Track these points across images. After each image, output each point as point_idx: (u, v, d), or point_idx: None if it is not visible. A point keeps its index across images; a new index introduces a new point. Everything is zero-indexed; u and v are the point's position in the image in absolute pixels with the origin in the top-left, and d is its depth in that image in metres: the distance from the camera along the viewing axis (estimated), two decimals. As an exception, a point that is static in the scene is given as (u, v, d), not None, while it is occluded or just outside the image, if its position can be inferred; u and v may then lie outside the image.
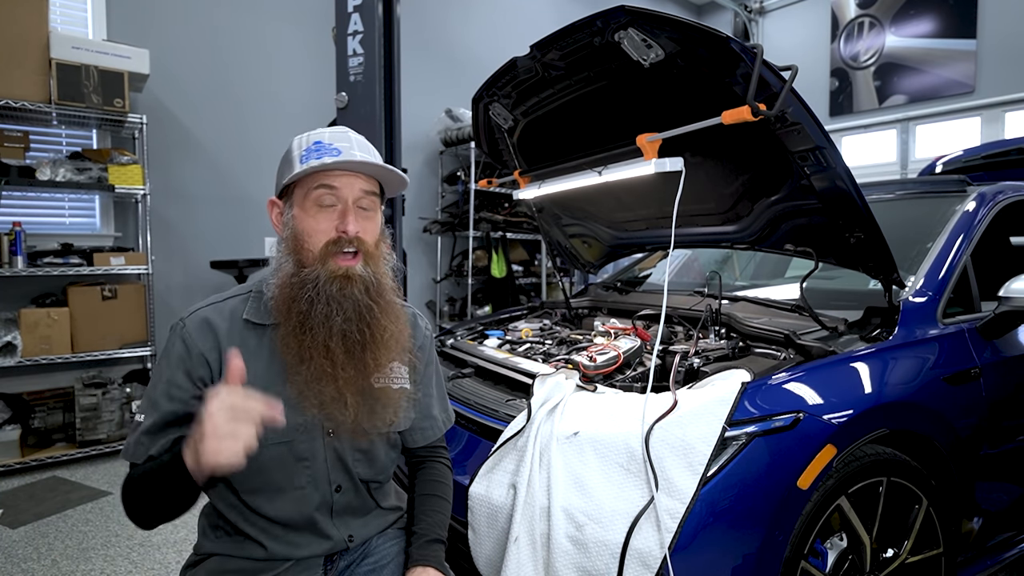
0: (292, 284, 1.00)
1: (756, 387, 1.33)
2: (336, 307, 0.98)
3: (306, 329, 0.98)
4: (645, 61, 1.48)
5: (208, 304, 1.06)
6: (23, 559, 2.29)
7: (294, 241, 1.01)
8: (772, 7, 7.44)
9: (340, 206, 1.01)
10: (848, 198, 1.49)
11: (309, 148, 1.02)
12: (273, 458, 1.01)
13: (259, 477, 1.02)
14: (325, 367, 0.99)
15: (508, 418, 1.47)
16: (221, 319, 1.03)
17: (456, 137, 5.04)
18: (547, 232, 2.63)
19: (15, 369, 3.32)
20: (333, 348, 0.99)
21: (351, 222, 1.00)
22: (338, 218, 1.01)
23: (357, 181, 1.02)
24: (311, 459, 1.04)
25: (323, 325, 0.98)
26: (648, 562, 1.11)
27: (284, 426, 0.99)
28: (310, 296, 0.98)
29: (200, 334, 1.01)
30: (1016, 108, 5.58)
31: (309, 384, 0.99)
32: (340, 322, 0.99)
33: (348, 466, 1.08)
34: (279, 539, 1.05)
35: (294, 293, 0.99)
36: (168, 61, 3.91)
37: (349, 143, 1.03)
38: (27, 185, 3.22)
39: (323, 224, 1.00)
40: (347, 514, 1.11)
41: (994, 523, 1.76)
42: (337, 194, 1.01)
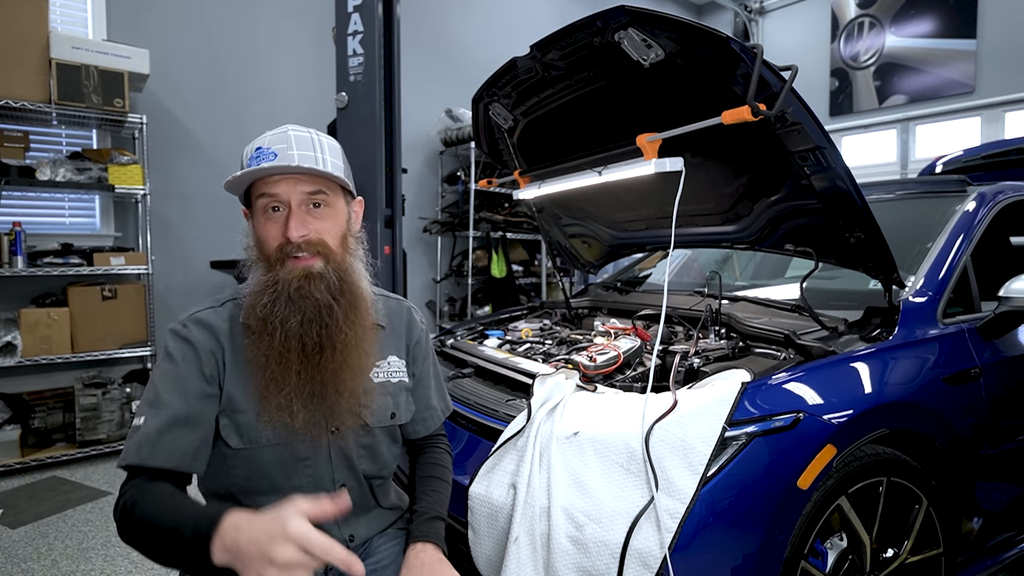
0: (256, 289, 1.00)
1: (756, 387, 1.33)
2: (293, 308, 0.98)
3: (264, 335, 0.98)
4: (645, 61, 1.48)
5: (206, 307, 1.05)
6: (23, 559, 2.29)
7: (257, 248, 1.03)
8: (772, 7, 7.44)
9: (285, 211, 1.00)
10: (848, 198, 1.49)
11: (252, 156, 1.00)
12: (272, 460, 1.01)
13: (258, 479, 1.01)
14: (276, 373, 0.97)
15: (508, 418, 1.47)
16: (220, 320, 1.03)
17: (456, 137, 5.04)
18: (547, 232, 2.63)
19: (15, 369, 3.32)
20: (287, 353, 0.98)
21: (293, 227, 0.99)
22: (283, 224, 1.00)
23: (299, 183, 1.00)
24: (311, 458, 1.04)
25: (280, 329, 0.97)
26: (648, 562, 1.11)
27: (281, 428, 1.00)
28: (269, 299, 0.98)
29: (204, 337, 1.01)
30: (1016, 108, 5.58)
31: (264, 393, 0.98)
32: (296, 324, 0.97)
33: (353, 463, 1.08)
34: None
35: (258, 298, 0.99)
36: (168, 61, 3.91)
37: (287, 143, 1.00)
38: (27, 185, 3.22)
39: (272, 230, 1.00)
40: (349, 515, 1.10)
41: (994, 523, 1.76)
42: (279, 199, 1.00)
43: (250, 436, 0.99)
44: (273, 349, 0.97)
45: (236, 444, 0.99)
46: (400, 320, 1.22)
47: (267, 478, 1.01)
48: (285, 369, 0.98)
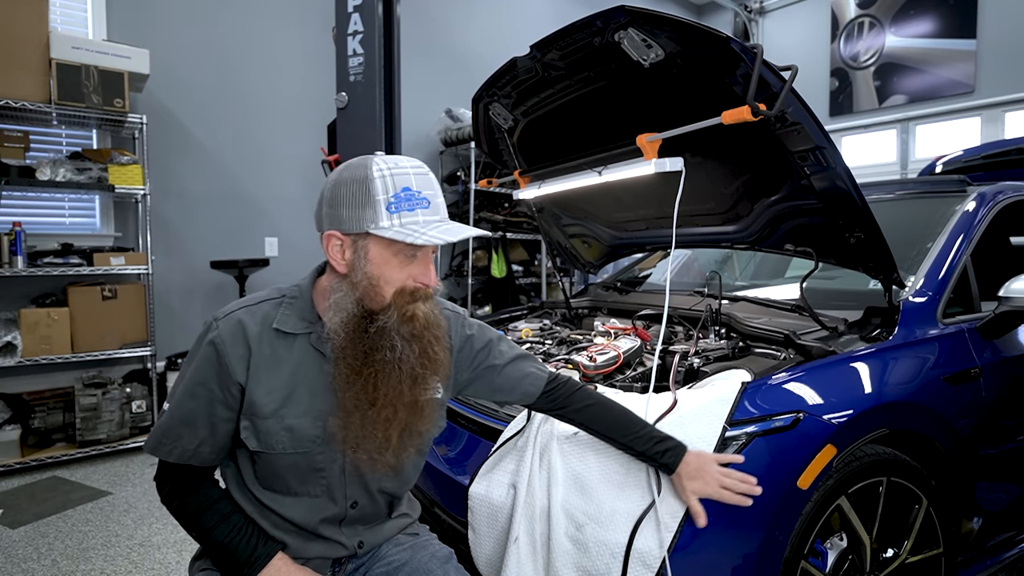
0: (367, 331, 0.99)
1: (756, 387, 1.33)
2: (410, 348, 1.00)
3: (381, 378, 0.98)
4: (645, 61, 1.48)
5: (242, 307, 1.05)
6: (23, 559, 2.29)
7: (367, 287, 0.98)
8: (772, 7, 7.44)
9: (421, 256, 1.00)
10: (848, 198, 1.49)
11: (399, 196, 0.96)
12: (289, 466, 1.03)
13: (275, 479, 1.05)
14: (388, 412, 0.99)
15: (508, 418, 1.47)
16: (253, 323, 1.03)
17: (456, 137, 5.04)
18: (547, 232, 2.63)
19: (15, 369, 3.32)
20: (404, 391, 1.00)
21: (433, 276, 1.02)
22: (418, 269, 1.00)
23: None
24: (327, 470, 1.06)
25: (397, 369, 0.99)
26: (648, 562, 1.11)
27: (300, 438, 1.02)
28: (390, 344, 0.98)
29: (232, 340, 1.01)
30: (1016, 108, 5.58)
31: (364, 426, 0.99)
32: (413, 361, 1.00)
33: (367, 482, 1.09)
34: (290, 534, 1.07)
35: (373, 342, 0.98)
36: (168, 61, 3.91)
37: (434, 190, 1.00)
38: (27, 185, 3.22)
39: (401, 274, 0.99)
40: (359, 523, 1.13)
41: (994, 523, 1.76)
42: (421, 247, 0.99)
43: (268, 442, 1.01)
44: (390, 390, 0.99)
45: (254, 447, 1.02)
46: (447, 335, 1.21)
47: (283, 480, 1.04)
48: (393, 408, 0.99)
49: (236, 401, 1.02)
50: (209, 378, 1.00)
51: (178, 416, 1.01)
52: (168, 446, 1.02)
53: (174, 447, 1.02)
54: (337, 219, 0.98)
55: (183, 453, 1.02)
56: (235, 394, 1.01)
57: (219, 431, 1.02)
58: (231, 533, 1.01)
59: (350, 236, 0.98)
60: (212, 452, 1.03)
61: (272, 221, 4.45)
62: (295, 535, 1.07)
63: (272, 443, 1.01)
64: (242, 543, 1.01)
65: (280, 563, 1.02)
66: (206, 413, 1.01)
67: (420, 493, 1.63)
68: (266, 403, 1.01)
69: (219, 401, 1.01)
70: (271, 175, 4.43)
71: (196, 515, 1.03)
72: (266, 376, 1.01)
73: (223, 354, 1.00)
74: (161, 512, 2.68)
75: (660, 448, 1.17)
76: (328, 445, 1.03)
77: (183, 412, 1.01)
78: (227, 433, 1.03)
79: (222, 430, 1.03)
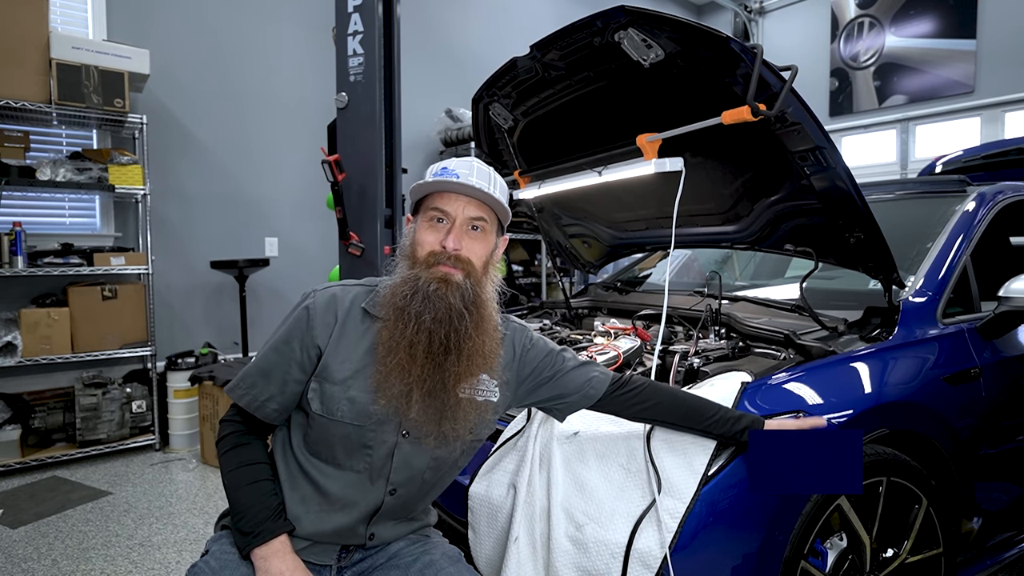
0: (397, 281, 1.10)
1: (756, 387, 1.33)
2: (429, 305, 1.05)
3: (398, 322, 1.06)
4: (645, 61, 1.48)
5: (339, 285, 1.16)
6: (23, 559, 2.30)
7: (410, 248, 1.12)
8: (772, 7, 7.44)
9: (447, 224, 1.11)
10: (848, 198, 1.49)
11: (437, 172, 1.13)
12: (341, 436, 1.08)
13: (324, 447, 1.10)
14: (403, 361, 1.05)
15: (508, 418, 1.47)
16: (346, 299, 1.14)
17: (456, 137, 5.04)
18: (547, 232, 2.63)
19: (15, 369, 3.32)
20: (416, 344, 1.05)
21: (452, 239, 1.09)
22: (444, 234, 1.10)
23: (468, 205, 1.11)
24: (375, 449, 1.09)
25: (413, 320, 1.05)
26: (648, 562, 1.11)
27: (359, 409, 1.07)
28: (408, 292, 1.06)
29: (324, 309, 1.12)
30: (1016, 108, 5.58)
31: (388, 375, 1.05)
32: (429, 320, 1.05)
33: (414, 469, 1.11)
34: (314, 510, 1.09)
35: (397, 289, 1.08)
36: (168, 61, 3.91)
37: (469, 170, 1.12)
38: (27, 185, 3.22)
39: (431, 237, 1.10)
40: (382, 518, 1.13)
41: (994, 523, 1.76)
42: (447, 214, 1.10)
43: (329, 407, 1.08)
44: (405, 337, 1.05)
45: (316, 409, 1.09)
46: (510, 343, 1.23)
47: (332, 449, 1.09)
48: (411, 359, 1.05)
49: (312, 365, 1.10)
50: (294, 337, 1.10)
51: (259, 367, 1.11)
52: (242, 390, 1.11)
53: (247, 393, 1.11)
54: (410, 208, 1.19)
55: (252, 401, 1.11)
56: (312, 358, 1.10)
57: (288, 390, 1.11)
58: (253, 497, 1.06)
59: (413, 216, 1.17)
60: (277, 409, 1.11)
61: (272, 221, 4.44)
62: (318, 511, 1.09)
63: (333, 409, 1.08)
64: (257, 512, 1.05)
65: (279, 545, 1.03)
66: (283, 370, 1.10)
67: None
68: (338, 370, 1.09)
69: (296, 362, 1.10)
70: (271, 175, 4.43)
71: (234, 467, 1.09)
72: (344, 348, 1.10)
73: (313, 319, 1.10)
74: (161, 512, 2.69)
75: (740, 427, 1.20)
76: (382, 426, 1.08)
77: (264, 364, 1.11)
78: (294, 394, 1.12)
79: (291, 390, 1.11)
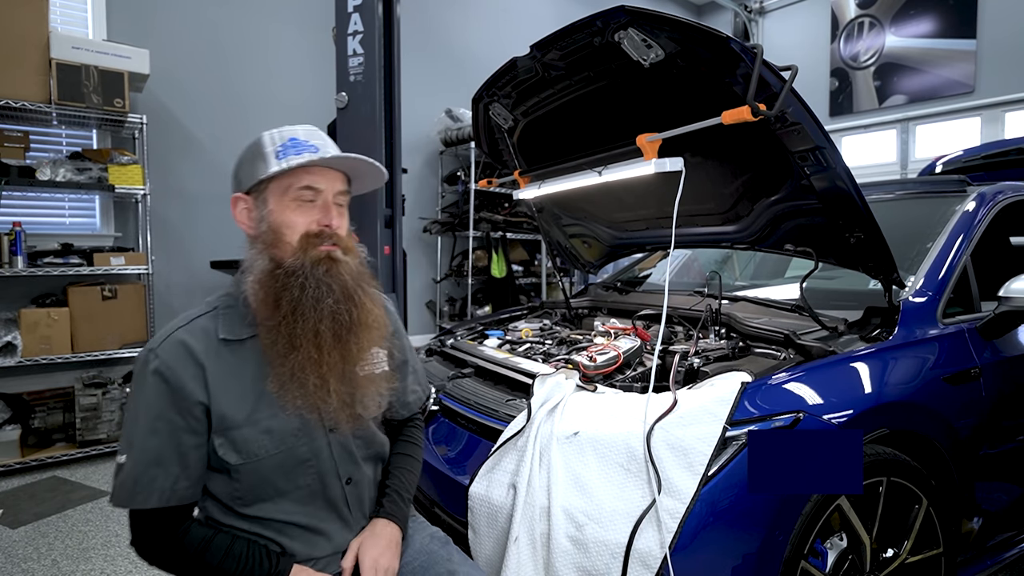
0: (276, 276, 1.00)
1: (756, 387, 1.33)
2: (326, 288, 1.00)
3: (298, 316, 0.99)
4: (645, 61, 1.48)
5: (176, 328, 1.01)
6: (23, 559, 2.29)
7: (272, 235, 1.01)
8: (772, 7, 7.45)
9: (320, 202, 1.03)
10: (848, 198, 1.49)
11: (285, 145, 1.03)
12: (274, 467, 1.01)
13: (262, 487, 1.02)
14: (312, 353, 0.99)
15: (508, 418, 1.47)
16: (196, 340, 1.00)
17: (456, 137, 5.04)
18: (547, 232, 2.63)
19: (15, 369, 3.32)
20: (323, 332, 0.99)
21: (334, 218, 1.04)
22: (319, 213, 1.03)
23: (336, 179, 1.06)
24: (314, 459, 1.05)
25: (314, 309, 0.99)
26: (648, 562, 1.11)
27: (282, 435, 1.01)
28: (301, 282, 0.99)
29: (178, 361, 0.97)
30: (1016, 108, 5.58)
31: (294, 374, 0.99)
32: (331, 303, 1.00)
33: (355, 455, 1.10)
34: (296, 539, 1.05)
35: (282, 283, 0.99)
36: (168, 61, 3.91)
37: (323, 141, 1.06)
38: (27, 185, 3.22)
39: (303, 218, 1.02)
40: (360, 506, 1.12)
41: (994, 523, 1.76)
42: (319, 190, 1.03)
43: (248, 450, 0.99)
44: (307, 330, 0.98)
45: (235, 461, 0.98)
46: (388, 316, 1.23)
47: (271, 485, 1.02)
48: (318, 349, 0.99)
49: (202, 424, 0.98)
50: (165, 409, 0.96)
51: (144, 460, 0.95)
52: (144, 493, 0.95)
53: (151, 492, 0.95)
54: (238, 183, 1.07)
55: (162, 495, 0.96)
56: (199, 416, 0.97)
57: (191, 461, 0.98)
58: (240, 565, 0.98)
59: (251, 194, 1.05)
60: (190, 486, 0.99)
61: (272, 221, 4.44)
62: (300, 537, 1.05)
63: (254, 450, 0.99)
64: (256, 570, 0.98)
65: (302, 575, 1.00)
66: (173, 447, 0.96)
67: (420, 493, 1.63)
68: (237, 412, 0.98)
69: (183, 430, 0.96)
70: (271, 175, 4.42)
71: (195, 560, 0.98)
72: (229, 387, 0.99)
73: (173, 379, 0.96)
74: (161, 512, 2.68)
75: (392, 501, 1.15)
76: (309, 434, 1.03)
77: (149, 454, 0.95)
78: (200, 461, 0.99)
79: (194, 459, 0.98)
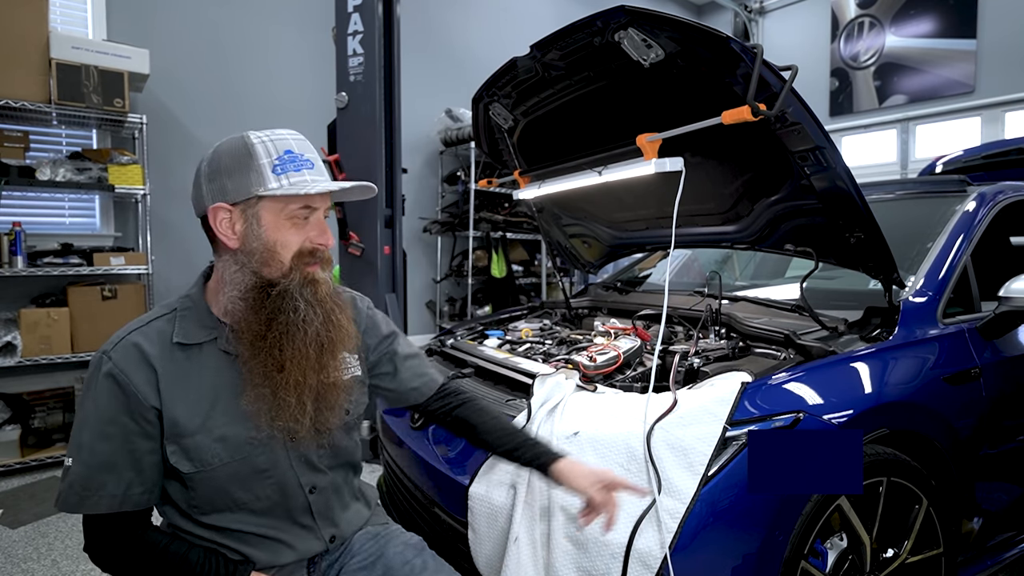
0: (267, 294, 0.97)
1: (756, 387, 1.33)
2: (313, 312, 0.99)
3: (289, 338, 0.97)
4: (645, 61, 1.48)
5: (131, 331, 0.98)
6: (23, 559, 2.29)
7: (264, 254, 0.97)
8: (772, 7, 7.45)
9: (314, 219, 1.01)
10: (848, 198, 1.49)
11: (282, 159, 0.97)
12: (229, 477, 0.98)
13: (218, 497, 0.99)
14: (297, 376, 0.97)
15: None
16: (150, 343, 0.97)
17: (456, 137, 5.04)
18: (547, 232, 2.63)
19: (15, 369, 3.31)
20: (310, 355, 0.99)
21: (328, 236, 1.03)
22: (314, 231, 1.01)
23: (327, 197, 1.03)
24: (272, 469, 1.02)
25: (304, 332, 0.98)
26: (648, 562, 1.11)
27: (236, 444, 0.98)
28: (294, 305, 0.97)
29: (130, 364, 0.94)
30: (1016, 108, 5.58)
31: (276, 394, 0.97)
32: (317, 326, 0.99)
33: (315, 464, 1.08)
34: (257, 547, 1.03)
35: (275, 304, 0.97)
36: (168, 61, 3.91)
37: (314, 154, 1.03)
38: (27, 185, 3.21)
39: (297, 237, 0.99)
40: (327, 514, 1.11)
41: (994, 523, 1.76)
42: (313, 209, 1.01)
43: (201, 459, 0.96)
44: (296, 352, 0.97)
45: (188, 469, 0.96)
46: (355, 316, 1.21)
47: (227, 494, 0.99)
48: (303, 372, 0.98)
49: (155, 428, 0.95)
50: (118, 413, 0.93)
51: (95, 463, 0.92)
52: (93, 498, 0.92)
53: (101, 497, 0.92)
54: (221, 191, 0.96)
55: (113, 501, 0.92)
56: (152, 420, 0.94)
57: (145, 466, 0.95)
58: (196, 572, 0.95)
59: (238, 206, 0.97)
60: (144, 492, 0.95)
61: (272, 221, 4.45)
62: (262, 546, 1.03)
63: (207, 458, 0.96)
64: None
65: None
66: (126, 451, 0.93)
67: (420, 492, 1.63)
68: (190, 419, 0.95)
69: (136, 434, 0.93)
70: (271, 175, 4.43)
71: (150, 568, 0.95)
72: (182, 393, 0.96)
73: (126, 383, 0.93)
74: (161, 512, 2.68)
75: (545, 458, 1.16)
76: (267, 443, 1.00)
77: (99, 458, 0.92)
78: (155, 466, 0.96)
79: (148, 463, 0.95)
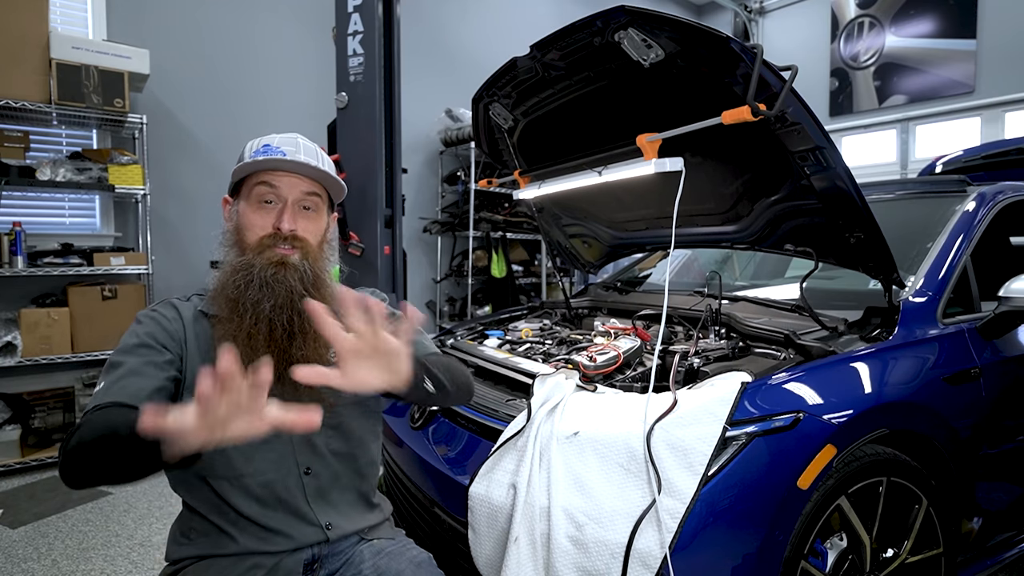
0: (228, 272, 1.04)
1: (756, 387, 1.33)
2: (268, 292, 1.00)
3: (233, 314, 1.00)
4: (645, 61, 1.48)
5: (173, 298, 1.12)
6: (23, 559, 2.29)
7: (236, 233, 1.07)
8: (772, 7, 7.44)
9: (280, 204, 1.06)
10: (848, 198, 1.49)
11: (258, 150, 1.08)
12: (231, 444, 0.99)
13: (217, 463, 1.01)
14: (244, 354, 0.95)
15: (508, 418, 1.47)
16: (185, 308, 1.10)
17: (456, 137, 5.04)
18: (547, 232, 2.63)
19: (15, 369, 3.32)
20: (256, 335, 0.99)
21: (287, 219, 1.05)
22: (276, 215, 1.05)
23: (300, 183, 1.07)
24: (272, 441, 1.03)
25: (251, 310, 0.99)
26: (648, 562, 1.11)
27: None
28: (243, 281, 1.00)
29: (171, 316, 1.06)
30: (1016, 108, 5.58)
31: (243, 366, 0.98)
32: (268, 309, 0.99)
33: (317, 445, 1.08)
34: (250, 534, 1.04)
35: (228, 279, 1.02)
36: (168, 61, 3.91)
37: (296, 147, 1.07)
38: (27, 185, 3.22)
39: (262, 219, 1.05)
40: (322, 499, 1.10)
41: (994, 523, 1.76)
42: (278, 193, 1.06)
43: None
44: (242, 330, 0.99)
45: None
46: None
47: (227, 461, 1.01)
48: (252, 351, 0.97)
49: (178, 367, 1.00)
50: (154, 335, 1.00)
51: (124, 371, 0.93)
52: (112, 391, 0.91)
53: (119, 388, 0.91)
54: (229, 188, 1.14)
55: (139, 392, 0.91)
56: (177, 359, 1.01)
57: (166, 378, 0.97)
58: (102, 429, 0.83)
59: (234, 198, 1.12)
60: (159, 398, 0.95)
61: (272, 221, 4.44)
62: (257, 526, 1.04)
63: None
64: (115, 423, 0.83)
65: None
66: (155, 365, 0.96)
67: (420, 493, 1.63)
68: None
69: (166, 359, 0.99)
70: (271, 175, 4.43)
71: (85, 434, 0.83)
72: (200, 356, 1.04)
73: (163, 320, 1.04)
74: (161, 512, 2.68)
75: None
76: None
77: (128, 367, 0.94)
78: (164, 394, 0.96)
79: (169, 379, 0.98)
